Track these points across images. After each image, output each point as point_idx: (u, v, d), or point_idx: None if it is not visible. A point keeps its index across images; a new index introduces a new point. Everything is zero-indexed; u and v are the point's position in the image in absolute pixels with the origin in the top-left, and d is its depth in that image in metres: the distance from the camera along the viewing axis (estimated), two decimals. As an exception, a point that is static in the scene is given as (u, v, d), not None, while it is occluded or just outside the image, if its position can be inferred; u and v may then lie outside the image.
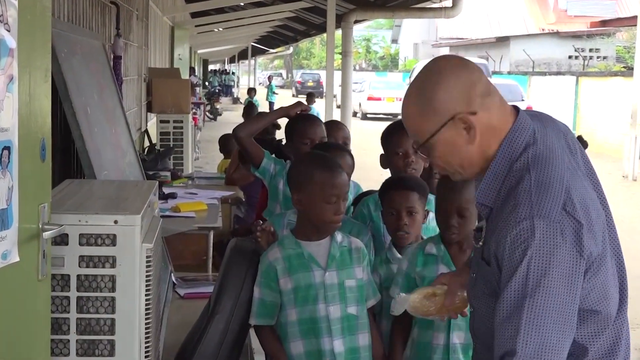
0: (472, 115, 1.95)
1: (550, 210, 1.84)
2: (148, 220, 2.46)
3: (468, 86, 1.97)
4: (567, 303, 1.83)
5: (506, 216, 1.89)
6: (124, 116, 4.98)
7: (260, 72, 58.51)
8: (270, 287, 2.67)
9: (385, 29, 62.85)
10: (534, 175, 1.90)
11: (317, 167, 2.75)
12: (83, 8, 4.98)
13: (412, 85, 2.03)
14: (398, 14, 12.69)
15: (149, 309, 2.31)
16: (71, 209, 2.34)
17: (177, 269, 3.90)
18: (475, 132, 1.96)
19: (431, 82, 1.98)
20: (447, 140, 1.98)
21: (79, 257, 2.26)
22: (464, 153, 1.99)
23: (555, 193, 1.87)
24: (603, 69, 27.59)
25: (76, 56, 3.94)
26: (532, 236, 1.82)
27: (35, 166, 1.97)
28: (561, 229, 1.83)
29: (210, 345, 2.42)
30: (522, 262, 1.82)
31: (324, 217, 2.70)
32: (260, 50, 37.99)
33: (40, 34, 2.01)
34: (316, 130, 3.73)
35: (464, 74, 1.98)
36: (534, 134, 1.98)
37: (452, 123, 1.96)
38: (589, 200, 1.93)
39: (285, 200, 3.69)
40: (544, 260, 1.81)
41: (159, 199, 3.98)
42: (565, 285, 1.83)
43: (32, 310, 2.01)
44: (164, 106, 9.41)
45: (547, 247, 1.82)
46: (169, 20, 14.30)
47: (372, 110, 30.09)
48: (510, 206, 1.89)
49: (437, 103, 1.96)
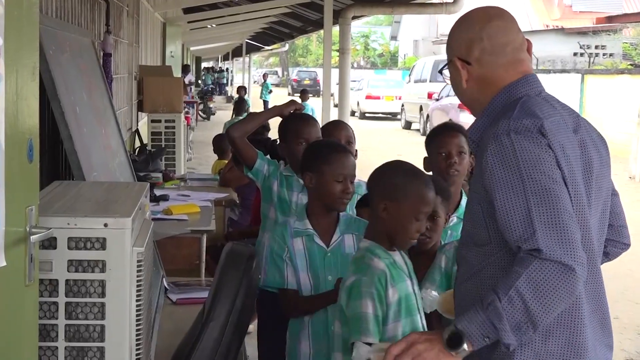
0: (465, 63, 2.20)
1: (526, 128, 2.01)
2: (139, 223, 2.42)
3: (475, 39, 2.18)
4: (557, 186, 1.96)
5: (487, 137, 2.06)
6: (114, 116, 4.92)
7: (255, 69, 58.47)
8: (381, 300, 2.52)
9: (384, 25, 62.77)
10: (518, 106, 2.08)
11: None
12: (72, 4, 4.92)
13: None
14: (397, 9, 12.61)
15: (140, 315, 2.27)
16: (59, 211, 2.29)
17: (169, 273, 3.84)
18: (464, 78, 2.20)
19: (458, 21, 2.26)
20: (453, 74, 2.26)
21: (67, 261, 2.21)
22: (462, 89, 2.24)
23: (535, 118, 2.03)
24: (609, 67, 27.40)
25: (65, 54, 3.89)
26: (512, 149, 1.98)
27: (23, 167, 1.93)
28: (538, 143, 1.99)
29: (204, 353, 2.38)
30: (505, 168, 1.97)
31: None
32: (255, 48, 37.93)
33: (27, 30, 1.96)
34: (311, 130, 3.67)
35: (480, 26, 2.18)
36: (540, 93, 2.14)
37: (454, 62, 2.23)
38: (568, 146, 2.04)
39: (280, 202, 3.63)
40: (525, 162, 1.96)
41: (150, 201, 3.92)
42: (550, 177, 1.96)
43: (19, 316, 1.96)
44: (156, 105, 9.34)
45: (526, 154, 1.97)
46: (161, 16, 14.24)
47: (371, 109, 29.92)
48: (492, 129, 2.06)
49: (450, 41, 2.27)
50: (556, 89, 23.95)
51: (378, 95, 29.67)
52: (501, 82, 2.15)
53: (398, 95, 28.34)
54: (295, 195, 3.62)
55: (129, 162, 4.88)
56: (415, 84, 25.80)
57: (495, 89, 2.16)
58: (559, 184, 1.96)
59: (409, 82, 27.05)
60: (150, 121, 9.38)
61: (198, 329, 2.45)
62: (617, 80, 20.95)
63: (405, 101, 26.47)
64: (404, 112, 26.54)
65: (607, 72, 23.12)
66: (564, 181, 1.97)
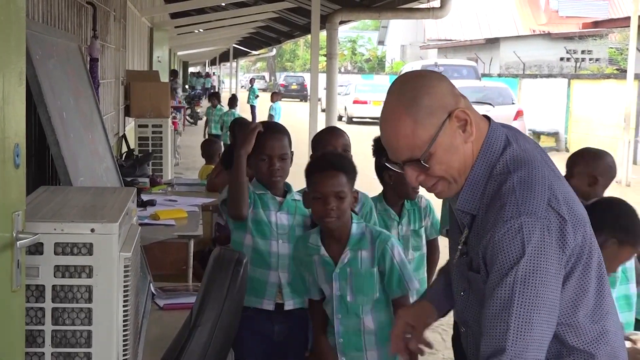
0: (461, 109, 1.96)
1: (536, 208, 1.87)
2: (126, 228, 2.41)
3: (450, 86, 1.98)
4: (553, 299, 1.87)
5: (493, 218, 1.90)
6: (101, 121, 4.91)
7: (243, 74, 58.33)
8: None
9: (371, 30, 62.78)
10: (516, 176, 1.92)
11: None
12: (58, 9, 4.90)
13: (392, 103, 1.98)
14: (384, 14, 12.59)
15: (127, 320, 2.26)
16: (46, 217, 2.28)
17: (157, 278, 3.82)
18: (472, 126, 1.96)
19: (415, 89, 1.95)
20: (446, 142, 1.95)
21: (54, 267, 2.20)
22: (461, 154, 1.97)
23: (539, 190, 1.91)
24: (595, 72, 27.54)
25: (51, 59, 3.87)
26: (520, 234, 1.85)
27: (9, 173, 1.92)
28: (547, 226, 1.86)
29: (192, 358, 2.36)
30: (510, 261, 1.85)
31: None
32: (242, 52, 37.88)
33: (14, 35, 1.96)
34: (274, 144, 3.40)
35: (439, 76, 2.00)
36: (507, 137, 2.01)
37: (448, 122, 1.94)
38: (571, 197, 1.96)
39: (256, 224, 3.43)
40: (532, 259, 1.85)
41: (138, 207, 3.91)
42: (552, 282, 1.87)
43: (6, 322, 1.95)
44: (143, 110, 9.30)
45: (535, 245, 1.85)
46: (148, 21, 14.21)
47: (358, 114, 29.93)
48: (496, 207, 1.91)
49: (431, 104, 1.94)
50: (543, 93, 24.12)
51: (365, 100, 29.67)
52: (484, 126, 2.05)
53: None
54: (274, 215, 3.42)
55: (116, 167, 4.86)
56: (403, 89, 25.83)
57: (482, 135, 2.03)
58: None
59: (397, 87, 27.08)
60: (137, 126, 9.35)
61: (186, 334, 2.44)
62: (603, 85, 21.07)
63: (392, 106, 26.48)
64: (391, 117, 26.56)
65: (593, 76, 23.26)
66: None
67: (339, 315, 3.22)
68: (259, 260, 3.39)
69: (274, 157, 3.38)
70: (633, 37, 15.87)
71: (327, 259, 3.22)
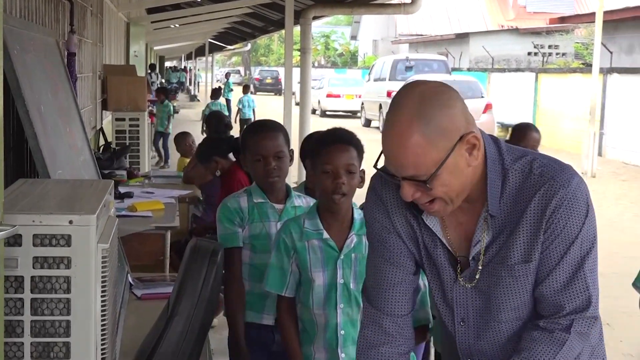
0: (473, 133, 1.88)
1: (572, 170, 1.99)
2: (104, 220, 2.43)
3: (463, 105, 1.90)
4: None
5: (535, 203, 1.93)
6: (79, 114, 4.92)
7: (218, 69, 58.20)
8: None
9: (344, 25, 62.91)
10: (535, 160, 1.97)
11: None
12: (36, 4, 4.90)
13: (406, 116, 1.84)
14: (357, 10, 12.68)
15: (105, 310, 2.27)
16: (25, 209, 2.29)
17: (134, 269, 3.85)
18: (479, 151, 1.90)
19: (434, 107, 1.84)
20: (453, 166, 1.87)
21: (33, 258, 2.21)
22: (464, 177, 1.91)
23: (564, 165, 2.00)
24: (562, 66, 27.92)
25: (29, 53, 3.88)
26: (581, 193, 1.95)
27: (-13, 166, 1.92)
28: (585, 191, 1.98)
29: (169, 347, 2.40)
30: (580, 220, 1.93)
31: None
32: (218, 47, 37.78)
33: (-9, 30, 1.97)
34: (267, 144, 3.27)
35: (456, 95, 1.90)
36: (491, 138, 2.04)
37: (459, 145, 1.86)
38: None
39: (254, 239, 3.28)
40: (591, 215, 1.96)
41: (115, 199, 3.93)
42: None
43: (-15, 313, 1.96)
44: (120, 104, 9.30)
45: (590, 202, 1.97)
46: (124, 16, 14.16)
47: (332, 108, 30.21)
48: (535, 189, 1.93)
49: (447, 126, 1.84)
50: (511, 87, 24.35)
51: (338, 94, 29.92)
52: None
53: (358, 93, 28.55)
54: (274, 226, 3.22)
55: (94, 160, 4.88)
56: (375, 83, 25.99)
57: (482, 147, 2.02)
58: None
59: (369, 81, 27.25)
60: (114, 119, 9.35)
61: (163, 323, 2.47)
62: (569, 79, 21.38)
63: (365, 99, 26.65)
64: (363, 110, 26.74)
65: (560, 71, 23.61)
66: None
67: (342, 304, 2.99)
68: (258, 275, 3.18)
69: (269, 156, 3.22)
70: (598, 33, 16.04)
71: (331, 243, 2.99)
